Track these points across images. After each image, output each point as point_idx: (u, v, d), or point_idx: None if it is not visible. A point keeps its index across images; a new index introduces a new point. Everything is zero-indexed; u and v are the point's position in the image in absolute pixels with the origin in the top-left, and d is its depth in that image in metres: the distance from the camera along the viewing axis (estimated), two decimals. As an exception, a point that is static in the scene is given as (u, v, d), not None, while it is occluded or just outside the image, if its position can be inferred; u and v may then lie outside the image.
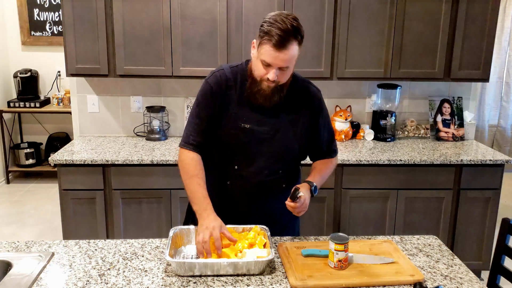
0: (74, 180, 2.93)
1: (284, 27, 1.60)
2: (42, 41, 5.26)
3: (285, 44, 1.61)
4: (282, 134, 1.80)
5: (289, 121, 1.81)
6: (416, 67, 3.17)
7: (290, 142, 1.82)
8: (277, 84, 1.71)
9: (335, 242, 1.58)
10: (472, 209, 3.11)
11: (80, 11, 2.98)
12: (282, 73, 1.68)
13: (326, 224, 3.07)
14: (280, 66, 1.65)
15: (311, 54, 3.11)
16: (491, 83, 5.29)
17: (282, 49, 1.62)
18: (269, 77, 1.67)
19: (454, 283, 1.56)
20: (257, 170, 1.81)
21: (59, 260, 1.65)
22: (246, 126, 1.77)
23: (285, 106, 1.80)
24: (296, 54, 1.67)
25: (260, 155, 1.80)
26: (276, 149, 1.80)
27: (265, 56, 1.65)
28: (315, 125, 1.87)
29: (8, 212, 4.40)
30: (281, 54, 1.62)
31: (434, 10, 3.09)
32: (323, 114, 1.89)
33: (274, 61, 1.64)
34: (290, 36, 1.62)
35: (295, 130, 1.83)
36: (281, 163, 1.84)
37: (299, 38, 1.66)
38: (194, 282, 1.51)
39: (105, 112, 3.47)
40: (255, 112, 1.78)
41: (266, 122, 1.78)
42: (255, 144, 1.79)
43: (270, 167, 1.82)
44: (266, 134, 1.78)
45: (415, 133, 3.57)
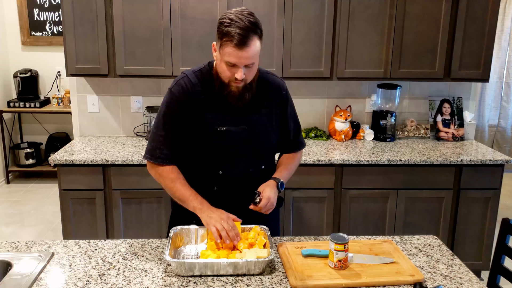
0: (74, 180, 2.93)
1: (242, 25, 1.60)
2: (42, 41, 5.26)
3: (246, 41, 1.61)
4: (260, 130, 1.81)
5: (264, 115, 1.83)
6: (416, 67, 3.17)
7: (268, 136, 1.84)
8: (246, 82, 1.71)
9: (335, 242, 1.58)
10: (472, 209, 3.11)
11: (80, 11, 2.99)
12: (248, 70, 1.69)
13: (326, 224, 3.07)
14: (246, 64, 1.65)
15: (311, 54, 3.11)
16: (491, 83, 5.29)
17: (244, 47, 1.61)
18: (237, 76, 1.66)
19: (454, 283, 1.56)
20: (242, 171, 1.81)
21: (59, 260, 1.65)
22: (222, 128, 1.75)
23: (256, 101, 1.81)
24: (258, 49, 1.67)
25: (242, 154, 1.80)
26: (256, 146, 1.81)
27: (229, 57, 1.63)
28: (283, 115, 1.89)
29: (8, 212, 4.40)
30: (244, 53, 1.62)
31: (434, 10, 3.09)
32: (290, 105, 1.92)
33: (238, 60, 1.64)
34: (250, 33, 1.61)
35: (271, 122, 1.84)
36: (262, 158, 1.86)
37: (259, 33, 1.67)
38: (194, 282, 1.51)
39: (105, 112, 3.47)
40: (228, 113, 1.76)
41: (241, 121, 1.78)
42: (236, 145, 1.78)
43: (254, 164, 1.83)
44: (244, 132, 1.78)
45: (415, 133, 3.57)
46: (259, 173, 1.85)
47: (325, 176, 3.01)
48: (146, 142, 3.31)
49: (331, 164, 2.98)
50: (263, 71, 1.88)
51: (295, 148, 1.97)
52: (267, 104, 1.84)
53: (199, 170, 1.81)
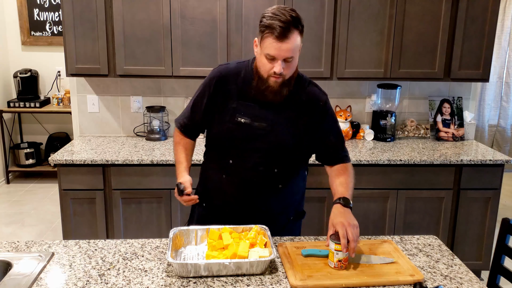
0: (74, 180, 2.93)
1: (284, 18, 1.62)
2: (42, 41, 5.26)
3: (287, 34, 1.62)
4: (278, 131, 1.79)
5: (287, 118, 1.80)
6: (416, 67, 3.17)
7: (286, 140, 1.80)
8: (284, 78, 1.71)
9: (335, 242, 1.58)
10: (472, 209, 3.11)
11: (80, 11, 2.99)
12: (287, 65, 1.69)
13: (326, 224, 3.07)
14: (285, 57, 1.65)
15: (311, 54, 3.11)
16: (491, 83, 5.30)
17: (284, 39, 1.63)
18: (275, 70, 1.67)
19: (454, 283, 1.56)
20: (251, 166, 1.81)
21: (59, 260, 1.65)
22: (241, 120, 1.78)
23: (287, 103, 1.79)
24: (299, 44, 1.68)
25: (254, 151, 1.80)
26: (271, 146, 1.79)
27: (269, 50, 1.65)
28: (319, 128, 1.84)
29: (8, 212, 4.40)
30: (284, 45, 1.63)
31: (434, 10, 3.09)
32: (329, 118, 1.86)
33: (278, 52, 1.64)
34: (291, 26, 1.63)
35: (293, 129, 1.81)
36: (275, 161, 1.82)
37: (299, 28, 1.68)
38: (194, 282, 1.51)
39: (105, 112, 3.47)
40: (254, 107, 1.78)
41: (263, 118, 1.78)
42: (250, 139, 1.79)
43: (265, 164, 1.81)
44: (262, 129, 1.78)
45: (415, 133, 3.57)
46: (270, 175, 1.82)
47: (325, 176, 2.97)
48: (146, 142, 3.32)
49: (331, 164, 2.98)
50: (307, 79, 1.87)
51: (341, 161, 1.92)
52: (296, 110, 1.80)
53: (214, 154, 1.89)
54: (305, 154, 1.92)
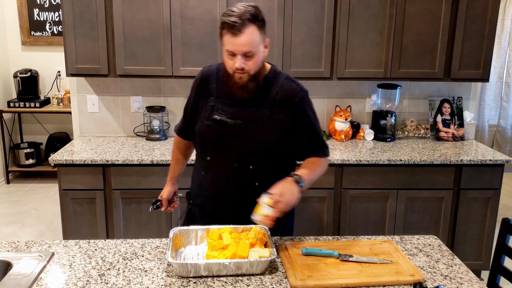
0: (74, 180, 2.93)
1: (238, 13, 1.66)
2: (42, 41, 5.26)
3: (241, 28, 1.65)
4: (254, 128, 1.80)
5: (263, 115, 1.81)
6: (416, 67, 3.17)
7: (260, 137, 1.80)
8: (248, 73, 1.73)
9: (268, 197, 1.59)
10: (472, 209, 3.11)
11: (80, 11, 2.99)
12: (249, 59, 1.71)
13: (326, 224, 3.07)
14: (243, 51, 1.68)
15: (311, 54, 3.11)
16: (491, 83, 5.30)
17: (239, 33, 1.65)
18: (236, 65, 1.70)
19: (454, 283, 1.56)
20: (227, 163, 1.83)
21: (59, 260, 1.65)
22: (217, 117, 1.83)
23: (262, 100, 1.81)
24: (256, 38, 1.69)
25: (230, 147, 1.82)
26: (245, 143, 1.81)
27: (227, 45, 1.70)
28: (295, 125, 1.84)
29: (8, 212, 4.40)
30: (239, 39, 1.66)
31: (434, 10, 3.09)
32: (305, 114, 1.85)
33: (234, 47, 1.68)
34: (245, 21, 1.65)
35: (268, 125, 1.81)
36: (251, 157, 1.82)
37: (256, 23, 1.69)
38: (194, 282, 1.51)
39: (105, 112, 3.47)
40: (229, 105, 1.83)
41: (238, 115, 1.81)
42: (226, 136, 1.83)
43: (240, 160, 1.82)
44: (238, 127, 1.81)
45: (415, 133, 3.57)
46: (245, 172, 1.82)
47: (325, 176, 2.97)
48: (146, 142, 3.32)
49: (331, 164, 2.98)
50: (285, 75, 1.88)
51: (316, 155, 1.90)
52: (271, 107, 1.81)
53: (197, 152, 1.98)
54: (283, 152, 1.88)
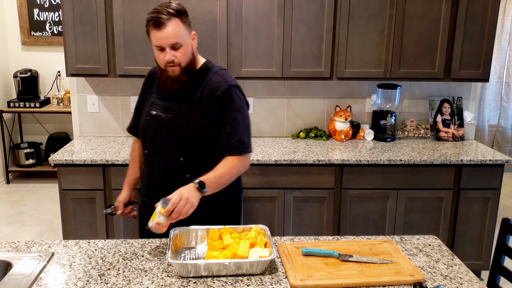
0: (74, 180, 2.93)
1: (159, 9, 1.75)
2: (42, 41, 5.26)
3: (163, 21, 1.73)
4: (182, 121, 1.86)
5: (190, 108, 1.86)
6: (416, 67, 3.17)
7: (188, 129, 1.85)
8: (180, 65, 1.80)
9: (162, 206, 1.60)
10: (472, 209, 3.11)
11: (80, 11, 2.99)
12: (178, 51, 1.78)
13: (326, 224, 3.07)
14: (169, 43, 1.75)
15: (311, 54, 3.11)
16: (491, 83, 5.30)
17: (162, 26, 1.73)
18: (166, 58, 1.77)
19: (454, 283, 1.56)
20: (159, 155, 1.91)
21: (59, 260, 1.65)
22: (153, 112, 1.91)
23: (190, 94, 1.87)
24: (181, 30, 1.77)
25: (162, 140, 1.90)
26: (174, 136, 1.87)
27: (154, 41, 1.77)
28: (215, 117, 1.85)
29: (8, 212, 4.40)
30: (163, 32, 1.74)
31: (434, 10, 3.09)
32: (227, 107, 1.85)
33: (160, 41, 1.75)
34: (165, 14, 1.73)
35: (195, 118, 1.85)
36: (180, 149, 1.88)
37: (178, 16, 1.76)
38: (194, 282, 1.51)
39: (105, 112, 3.47)
40: (164, 99, 1.91)
41: (169, 109, 1.88)
42: (159, 130, 1.90)
43: (171, 152, 1.89)
44: (168, 120, 1.88)
45: (415, 133, 3.57)
46: (176, 164, 1.88)
47: (325, 176, 3.01)
48: (146, 142, 3.32)
49: (331, 164, 2.98)
50: (216, 69, 1.93)
51: (228, 152, 1.87)
52: (197, 99, 1.86)
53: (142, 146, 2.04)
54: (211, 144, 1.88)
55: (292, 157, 2.98)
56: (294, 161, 2.94)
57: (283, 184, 2.98)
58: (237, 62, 3.07)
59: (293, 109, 3.52)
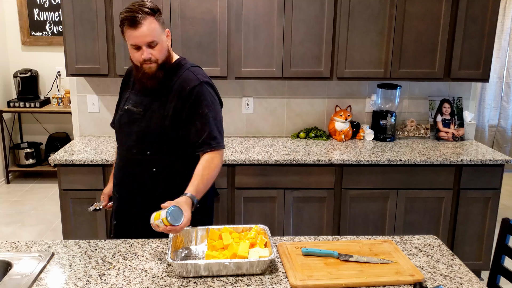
0: (74, 180, 2.93)
1: (132, 8, 1.76)
2: (42, 41, 5.26)
3: (139, 20, 1.74)
4: (150, 115, 1.88)
5: (159, 103, 1.88)
6: (416, 67, 3.18)
7: (154, 123, 1.87)
8: (156, 62, 1.83)
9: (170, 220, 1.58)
10: (472, 209, 3.11)
11: (80, 11, 2.99)
12: (154, 49, 1.81)
13: (326, 224, 3.07)
14: (145, 42, 1.78)
15: (311, 54, 3.11)
16: (491, 83, 5.30)
17: (137, 26, 1.75)
18: (144, 57, 1.79)
19: (454, 283, 1.56)
20: (128, 149, 1.95)
21: (59, 260, 1.65)
22: (126, 107, 1.95)
23: (161, 89, 1.88)
24: (156, 27, 1.79)
25: (131, 134, 1.93)
26: (143, 129, 1.89)
27: (130, 40, 1.79)
28: (185, 113, 1.86)
29: (8, 212, 4.40)
30: (139, 31, 1.76)
31: (434, 10, 3.09)
32: (194, 104, 1.85)
33: (136, 40, 1.78)
34: (139, 13, 1.75)
35: (162, 112, 1.87)
36: (147, 143, 1.90)
37: (152, 14, 1.78)
38: (194, 282, 1.51)
39: (105, 112, 3.47)
40: (137, 94, 1.94)
41: (140, 103, 1.91)
42: (129, 124, 1.94)
43: (138, 146, 1.91)
44: (138, 114, 1.91)
45: (415, 133, 3.57)
46: (143, 158, 1.90)
47: (325, 176, 3.01)
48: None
49: (331, 164, 2.98)
50: (188, 65, 1.94)
51: (200, 148, 1.86)
52: (166, 95, 1.88)
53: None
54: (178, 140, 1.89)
55: (292, 157, 2.98)
56: (294, 161, 2.94)
57: (283, 184, 2.98)
58: (237, 62, 3.07)
59: (293, 109, 3.52)
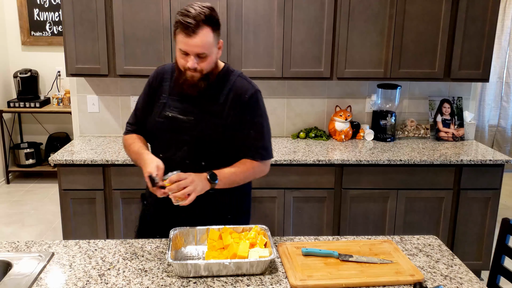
0: (74, 180, 2.93)
1: (193, 14, 1.66)
2: (42, 41, 5.26)
3: (195, 29, 1.66)
4: (204, 124, 1.81)
5: (213, 111, 1.82)
6: (416, 67, 3.18)
7: (210, 133, 1.81)
8: (201, 72, 1.75)
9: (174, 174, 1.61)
10: (472, 209, 3.11)
11: (80, 11, 2.99)
12: (201, 60, 1.73)
13: (326, 224, 3.07)
14: (196, 52, 1.70)
15: (311, 54, 3.11)
16: (491, 83, 5.30)
17: (193, 35, 1.67)
18: (188, 65, 1.72)
19: (454, 283, 1.56)
20: (179, 159, 1.83)
21: (59, 260, 1.65)
22: (169, 114, 1.84)
23: (213, 97, 1.83)
24: (210, 40, 1.71)
25: (181, 143, 1.83)
26: (196, 139, 1.82)
27: (180, 45, 1.71)
28: (242, 120, 1.83)
29: (8, 212, 4.40)
30: (193, 40, 1.67)
31: (434, 10, 3.09)
32: (253, 112, 1.85)
33: (187, 47, 1.70)
34: (200, 22, 1.66)
35: (218, 121, 1.81)
36: (202, 154, 1.83)
37: (211, 25, 1.70)
38: (194, 282, 1.51)
39: (105, 112, 3.47)
40: (182, 101, 1.84)
41: (190, 111, 1.82)
42: (177, 132, 1.83)
43: (192, 157, 1.83)
44: (188, 122, 1.82)
45: (415, 133, 3.57)
46: (197, 169, 1.78)
47: (325, 176, 3.01)
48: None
49: (331, 164, 2.98)
50: (237, 73, 1.89)
51: (250, 156, 1.87)
52: (222, 103, 1.82)
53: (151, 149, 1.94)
54: (233, 148, 1.87)
55: (292, 157, 2.98)
56: (294, 161, 2.94)
57: (283, 184, 2.98)
58: (237, 62, 3.07)
59: (293, 109, 3.52)
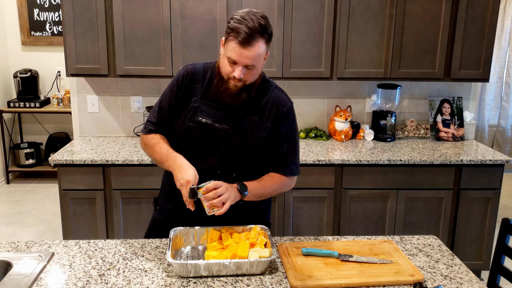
0: (74, 180, 2.93)
1: (251, 24, 1.59)
2: (42, 41, 5.25)
3: (251, 41, 1.59)
4: (241, 135, 1.75)
5: (251, 122, 1.76)
6: (416, 67, 3.18)
7: (247, 144, 1.76)
8: (244, 83, 1.69)
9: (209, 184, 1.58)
10: (472, 209, 3.11)
11: (80, 11, 2.99)
12: (248, 71, 1.67)
13: (326, 224, 3.07)
14: (246, 63, 1.63)
15: (311, 54, 3.11)
16: (491, 83, 5.30)
17: (247, 46, 1.60)
18: (235, 75, 1.65)
19: (454, 283, 1.56)
20: (209, 168, 1.76)
21: (59, 260, 1.65)
22: (203, 120, 1.75)
23: (250, 107, 1.76)
24: (263, 52, 1.65)
25: (213, 152, 1.77)
26: (231, 149, 1.76)
27: (231, 53, 1.63)
28: (276, 132, 1.80)
29: (8, 212, 4.40)
30: (246, 51, 1.61)
31: (434, 10, 3.09)
32: (287, 125, 1.82)
33: (239, 58, 1.62)
34: (257, 34, 1.60)
35: (255, 133, 1.77)
36: (235, 164, 1.78)
37: (266, 37, 1.64)
38: (194, 282, 1.51)
39: (105, 112, 3.47)
40: (217, 108, 1.76)
41: (226, 120, 1.75)
42: (210, 141, 1.76)
43: (223, 167, 1.77)
44: (223, 132, 1.75)
45: (415, 133, 3.57)
46: (228, 180, 1.71)
47: (325, 176, 3.01)
48: (146, 142, 3.31)
49: (331, 164, 2.98)
50: (273, 84, 1.85)
51: (280, 170, 1.83)
52: (259, 114, 1.77)
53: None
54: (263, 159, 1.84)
55: (292, 157, 2.97)
56: (294, 161, 2.94)
57: (283, 184, 2.98)
58: (237, 62, 3.07)
59: (293, 109, 3.52)
